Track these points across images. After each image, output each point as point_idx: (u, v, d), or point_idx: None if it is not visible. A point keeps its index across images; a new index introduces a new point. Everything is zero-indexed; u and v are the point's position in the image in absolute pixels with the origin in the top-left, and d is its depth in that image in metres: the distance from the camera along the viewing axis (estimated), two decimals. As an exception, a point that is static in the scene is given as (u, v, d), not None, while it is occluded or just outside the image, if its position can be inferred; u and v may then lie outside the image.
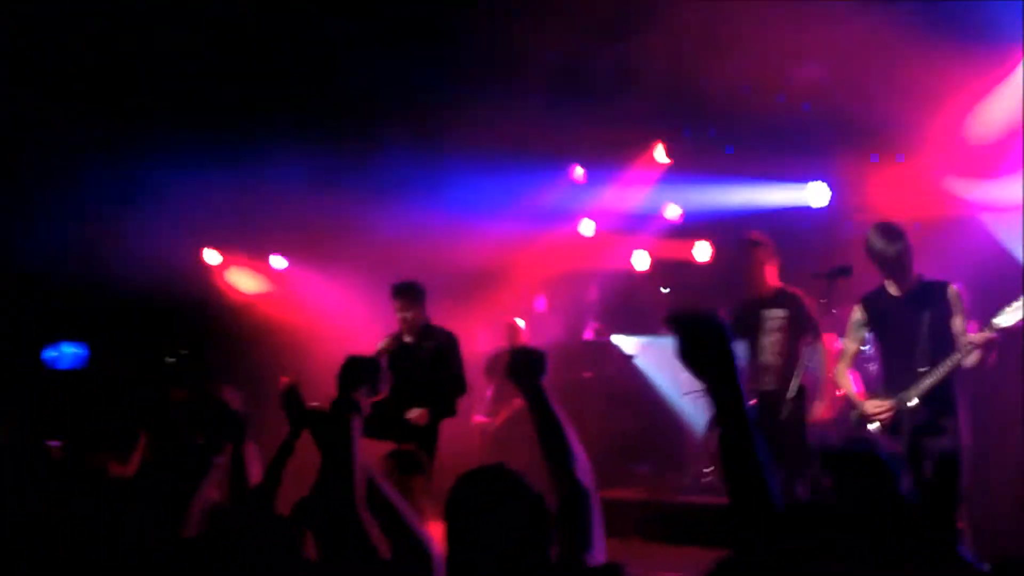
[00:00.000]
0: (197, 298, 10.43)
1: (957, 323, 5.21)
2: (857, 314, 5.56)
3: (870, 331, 5.57)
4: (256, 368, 9.93)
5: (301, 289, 10.50)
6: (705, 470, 8.19)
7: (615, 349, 9.66)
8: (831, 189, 7.94)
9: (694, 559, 2.56)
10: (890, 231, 5.29)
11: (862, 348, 5.89)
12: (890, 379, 5.39)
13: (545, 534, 2.45)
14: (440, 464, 5.85)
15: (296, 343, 9.39)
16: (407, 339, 6.80)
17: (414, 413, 6.57)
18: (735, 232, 8.29)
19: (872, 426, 5.36)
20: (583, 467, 2.73)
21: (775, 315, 6.43)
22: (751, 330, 6.41)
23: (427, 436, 6.51)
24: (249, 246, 10.53)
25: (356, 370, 2.98)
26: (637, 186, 9.13)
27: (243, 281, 10.82)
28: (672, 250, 9.09)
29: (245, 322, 10.53)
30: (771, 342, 6.40)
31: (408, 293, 6.75)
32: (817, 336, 6.32)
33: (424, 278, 7.92)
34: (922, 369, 5.20)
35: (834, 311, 6.01)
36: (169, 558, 2.99)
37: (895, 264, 5.28)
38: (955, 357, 5.12)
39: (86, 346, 10.52)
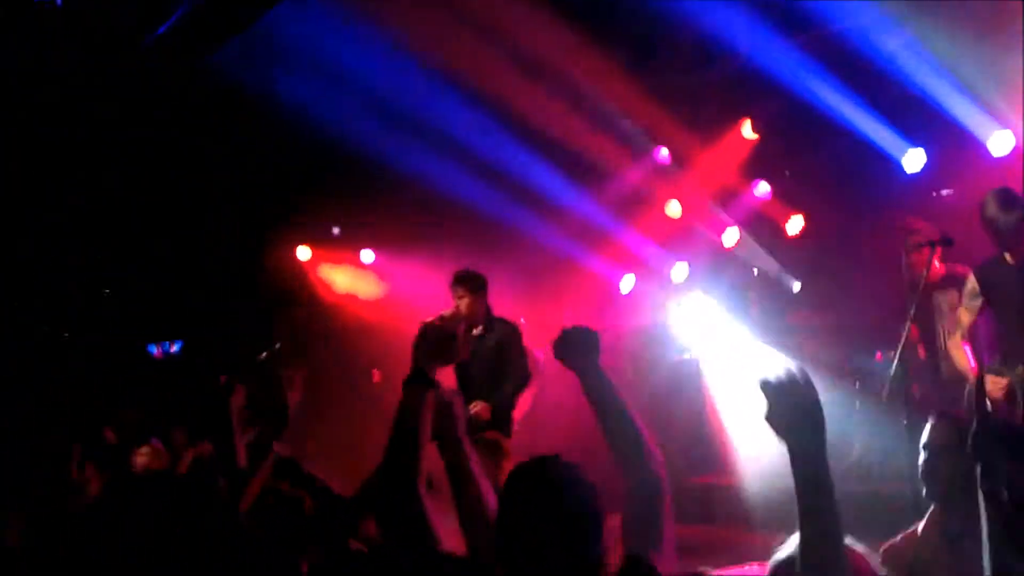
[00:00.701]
0: (290, 295, 10.70)
1: None
2: (971, 283, 5.40)
3: (985, 301, 5.36)
4: (343, 361, 10.26)
5: (390, 282, 10.63)
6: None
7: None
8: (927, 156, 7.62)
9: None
10: (1008, 199, 5.10)
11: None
12: (1006, 352, 5.21)
13: (593, 530, 2.29)
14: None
15: (384, 337, 9.47)
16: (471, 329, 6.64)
17: (475, 407, 6.40)
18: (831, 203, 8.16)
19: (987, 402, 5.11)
20: (652, 455, 2.53)
21: (947, 298, 6.22)
22: (925, 315, 6.15)
23: (494, 428, 6.39)
24: (340, 241, 10.74)
25: (432, 340, 2.76)
26: (725, 164, 8.95)
27: (336, 277, 11.00)
28: (763, 226, 8.90)
29: (337, 318, 10.75)
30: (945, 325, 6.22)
31: (466, 282, 6.60)
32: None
33: (507, 264, 7.91)
34: None
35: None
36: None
37: (1010, 233, 5.10)
38: None
39: (180, 342, 10.90)
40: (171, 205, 10.00)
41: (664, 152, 9.18)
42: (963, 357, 5.40)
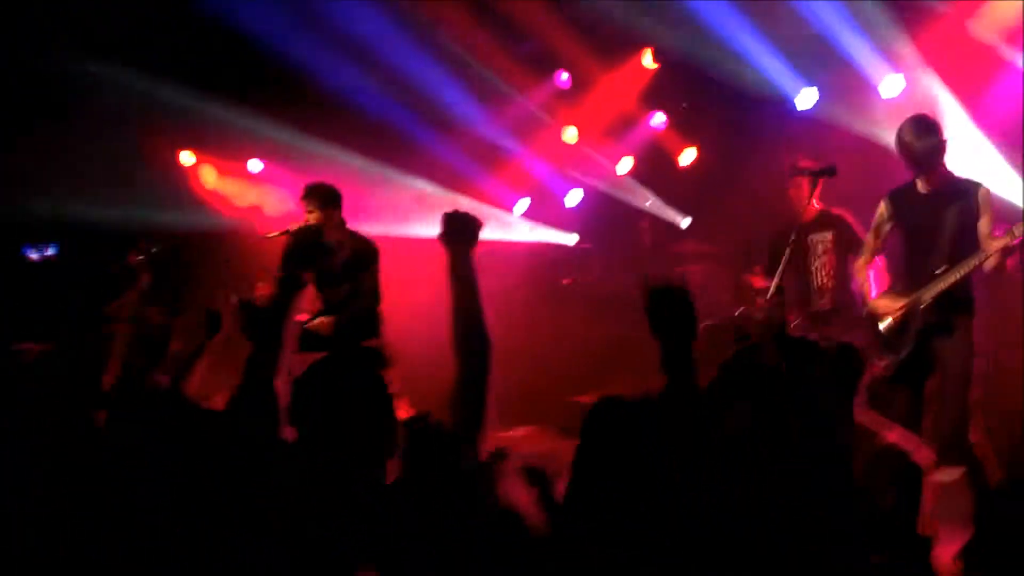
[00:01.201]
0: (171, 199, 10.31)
1: (983, 225, 5.06)
2: (882, 208, 5.41)
3: (894, 226, 5.40)
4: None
5: (278, 192, 10.35)
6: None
7: (596, 255, 9.68)
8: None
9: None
10: (922, 125, 5.12)
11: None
12: (907, 277, 5.28)
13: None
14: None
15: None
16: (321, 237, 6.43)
17: (316, 321, 6.27)
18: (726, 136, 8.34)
19: (882, 324, 5.25)
20: (488, 347, 2.77)
21: (822, 238, 6.47)
22: (797, 254, 6.09)
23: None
24: (225, 149, 10.37)
25: (303, 245, 3.02)
26: (623, 92, 9.02)
27: (218, 183, 10.64)
28: (657, 155, 9.05)
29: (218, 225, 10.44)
30: (820, 264, 6.47)
31: (315, 195, 6.44)
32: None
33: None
34: (939, 270, 5.10)
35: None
36: None
37: (924, 160, 5.11)
38: (973, 259, 4.98)
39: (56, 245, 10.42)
40: (40, 99, 9.43)
41: (564, 76, 9.17)
42: (866, 280, 5.49)
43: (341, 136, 9.09)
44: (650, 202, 9.25)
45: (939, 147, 5.13)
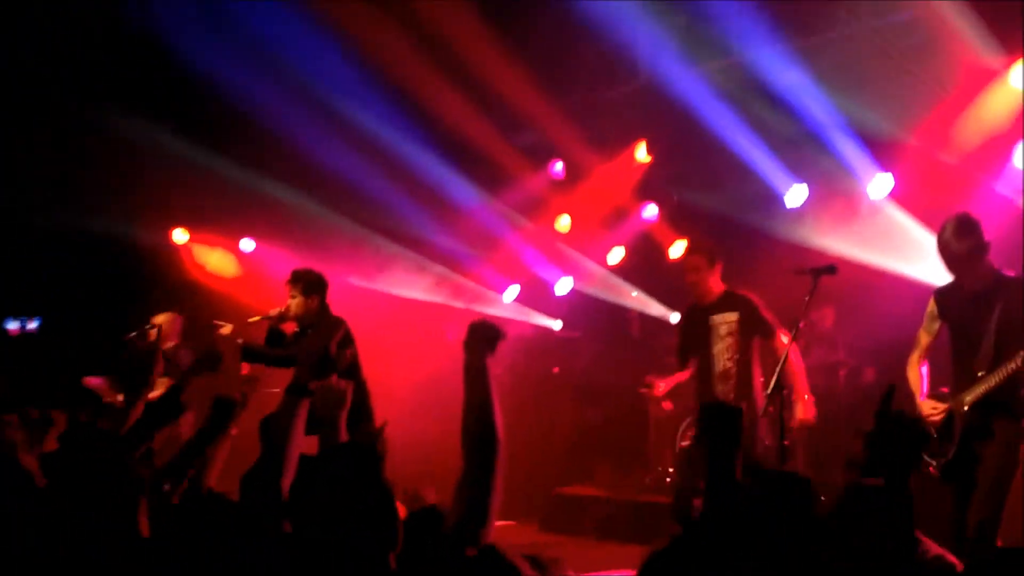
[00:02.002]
0: (163, 276, 10.30)
1: None
2: (930, 306, 5.23)
3: (942, 325, 5.18)
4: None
5: (270, 271, 10.37)
6: (670, 470, 8.20)
7: (585, 345, 9.68)
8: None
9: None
10: (962, 226, 4.93)
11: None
12: (954, 379, 5.08)
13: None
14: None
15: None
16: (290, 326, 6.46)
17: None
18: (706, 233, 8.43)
19: (929, 426, 5.03)
20: (498, 445, 2.82)
21: (725, 319, 6.26)
22: (700, 339, 6.27)
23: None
24: (219, 227, 10.42)
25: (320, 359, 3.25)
26: (617, 183, 9.15)
27: (213, 262, 10.67)
28: (648, 248, 9.13)
29: (211, 302, 10.40)
30: (723, 348, 6.23)
31: (298, 281, 6.43)
32: (771, 335, 6.16)
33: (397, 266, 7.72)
34: (981, 372, 4.93)
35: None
36: None
37: (963, 260, 4.95)
38: (1011, 364, 4.79)
39: (40, 319, 10.34)
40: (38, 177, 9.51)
41: (559, 166, 9.31)
42: (916, 379, 5.24)
43: (337, 209, 9.21)
44: (636, 294, 9.29)
45: (979, 248, 4.96)
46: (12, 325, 10.32)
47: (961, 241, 4.93)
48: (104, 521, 2.76)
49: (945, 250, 5.00)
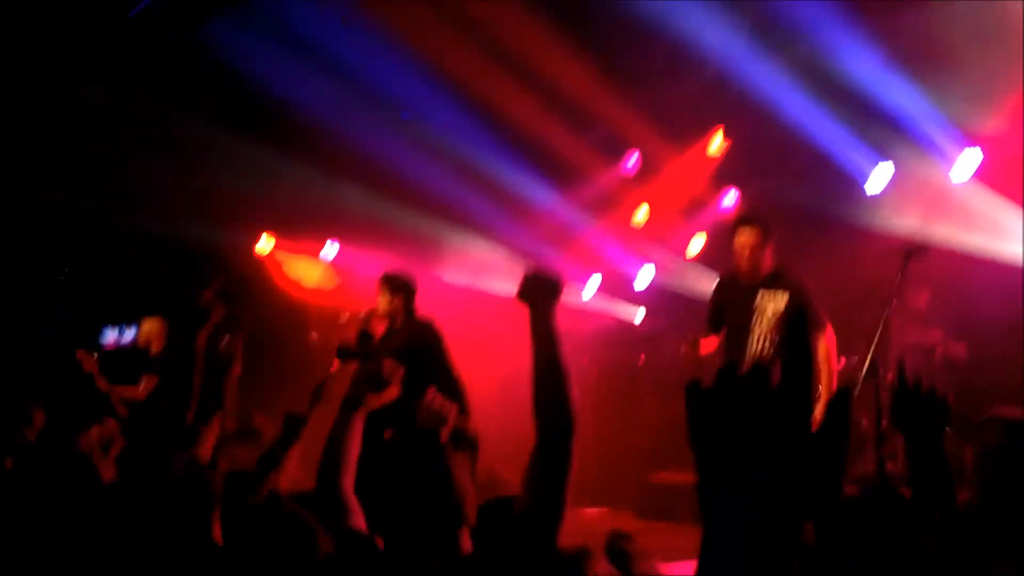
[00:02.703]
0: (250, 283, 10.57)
1: None
2: None
3: None
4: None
5: (356, 277, 10.59)
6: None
7: (670, 335, 9.67)
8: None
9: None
10: None
11: None
12: None
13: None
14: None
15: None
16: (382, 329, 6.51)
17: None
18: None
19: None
20: (573, 414, 2.54)
21: (773, 299, 5.60)
22: (739, 314, 5.64)
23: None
24: (303, 234, 10.65)
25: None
26: (693, 174, 9.11)
27: (301, 271, 10.92)
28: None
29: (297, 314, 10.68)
30: (765, 331, 5.58)
31: (385, 282, 6.54)
32: (818, 327, 5.58)
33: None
34: None
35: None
36: None
37: None
38: None
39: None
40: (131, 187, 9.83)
41: (634, 160, 9.31)
42: None
43: (417, 210, 9.37)
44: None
45: None
46: (108, 337, 10.64)
47: None
48: (178, 529, 2.84)
49: None
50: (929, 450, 2.44)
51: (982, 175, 7.27)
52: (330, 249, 10.66)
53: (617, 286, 9.76)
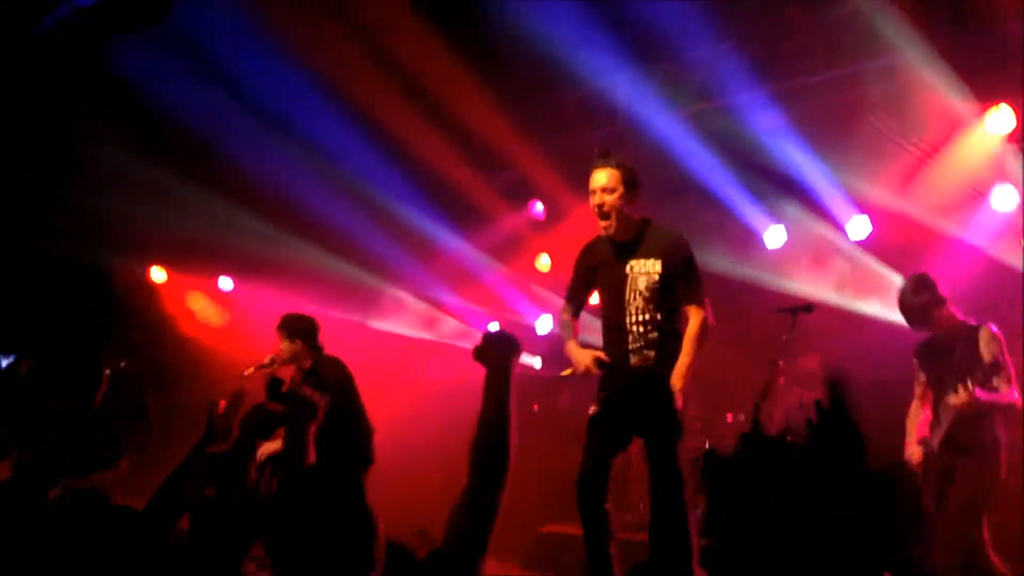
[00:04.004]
0: (141, 314, 10.22)
1: (985, 364, 5.11)
2: (914, 360, 5.57)
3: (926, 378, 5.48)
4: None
5: (247, 311, 10.33)
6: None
7: (566, 384, 9.64)
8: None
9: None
10: (919, 283, 5.34)
11: None
12: (932, 424, 5.38)
13: None
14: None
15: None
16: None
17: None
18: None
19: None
20: (508, 467, 2.66)
21: (645, 268, 4.85)
22: (609, 285, 4.94)
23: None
24: (197, 266, 10.36)
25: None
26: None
27: (197, 307, 10.62)
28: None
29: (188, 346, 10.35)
30: (640, 306, 4.79)
31: (282, 327, 6.51)
32: (692, 299, 4.80)
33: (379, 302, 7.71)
34: (943, 418, 5.22)
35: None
36: None
37: (918, 315, 5.35)
38: (959, 398, 5.03)
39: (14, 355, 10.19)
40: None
41: (540, 206, 9.33)
42: (911, 427, 5.49)
43: (318, 245, 9.23)
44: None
45: (935, 302, 5.30)
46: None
47: (917, 296, 5.32)
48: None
49: (904, 307, 5.40)
50: None
51: (871, 241, 7.49)
52: (225, 283, 10.40)
53: (517, 333, 9.70)
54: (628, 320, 4.75)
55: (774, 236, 8.00)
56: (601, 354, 4.83)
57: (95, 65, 8.39)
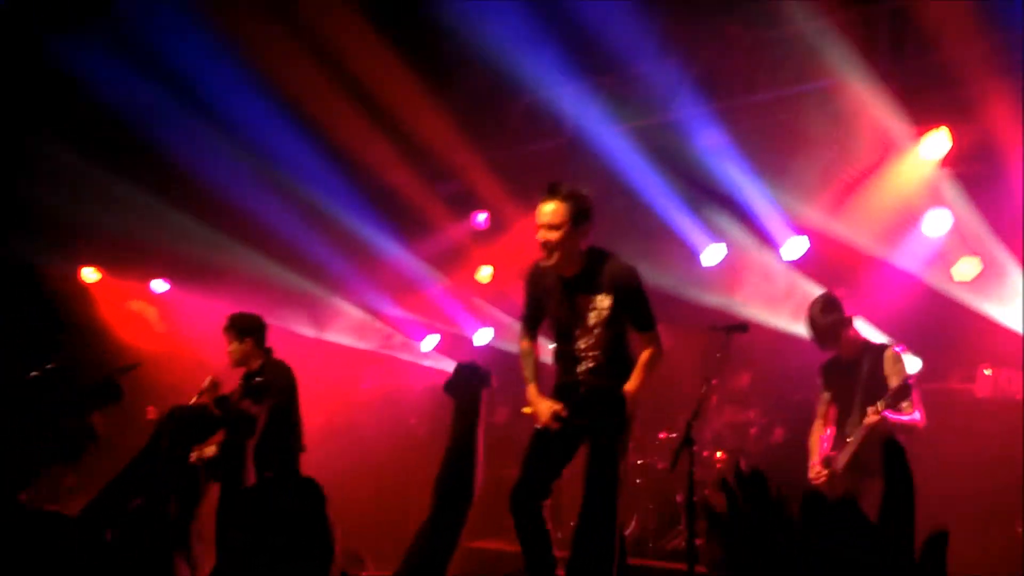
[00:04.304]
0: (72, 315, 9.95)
1: (893, 384, 5.26)
2: (819, 379, 5.73)
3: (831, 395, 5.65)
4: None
5: (183, 313, 10.12)
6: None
7: (504, 398, 9.57)
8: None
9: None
10: (827, 303, 5.49)
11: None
12: (836, 444, 5.52)
13: None
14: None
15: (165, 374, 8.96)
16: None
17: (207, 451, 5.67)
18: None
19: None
20: (471, 499, 2.67)
21: (596, 305, 4.71)
22: (560, 316, 4.83)
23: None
24: (131, 268, 10.13)
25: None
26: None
27: (130, 306, 10.38)
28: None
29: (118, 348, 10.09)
30: (589, 343, 4.76)
31: (230, 328, 6.40)
32: (645, 328, 4.77)
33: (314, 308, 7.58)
34: (849, 438, 5.36)
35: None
36: None
37: (827, 334, 5.46)
38: (869, 418, 5.18)
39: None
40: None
41: (483, 217, 9.29)
42: (815, 444, 5.64)
43: (254, 248, 9.08)
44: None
45: (841, 322, 5.45)
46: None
47: (826, 317, 5.47)
48: None
49: (813, 326, 5.54)
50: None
51: (806, 261, 7.56)
52: (160, 286, 10.18)
53: (455, 345, 9.64)
54: (578, 348, 4.73)
55: (712, 254, 8.04)
56: (559, 408, 4.76)
57: (35, 56, 8.18)
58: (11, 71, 8.35)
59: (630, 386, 4.66)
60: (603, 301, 4.64)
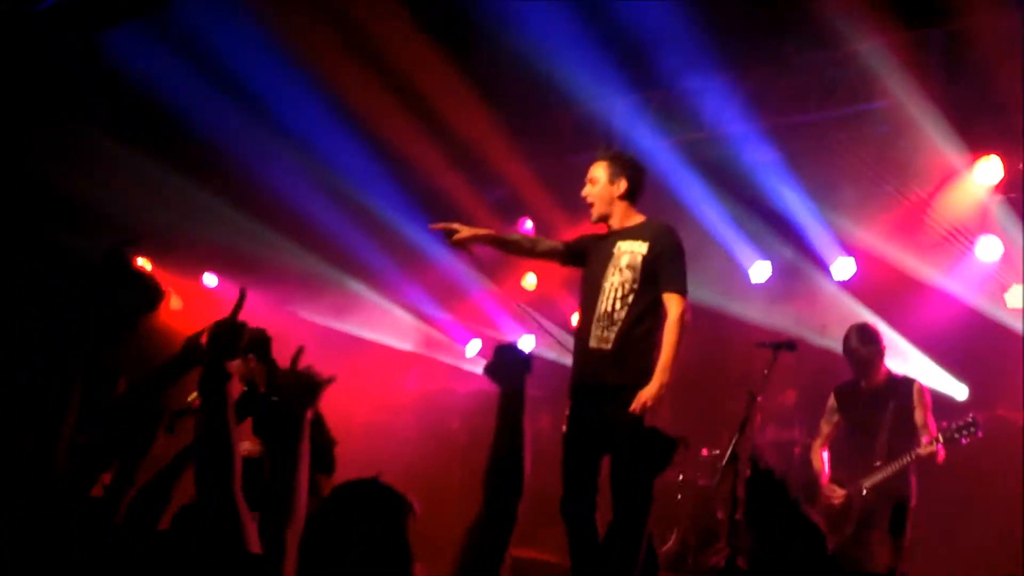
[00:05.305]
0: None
1: (918, 418, 5.62)
2: (831, 401, 6.00)
3: (840, 418, 5.96)
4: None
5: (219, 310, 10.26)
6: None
7: (546, 405, 9.61)
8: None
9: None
10: (866, 333, 5.78)
11: None
12: (850, 467, 5.79)
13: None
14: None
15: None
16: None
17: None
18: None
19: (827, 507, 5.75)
20: (520, 494, 2.55)
21: (631, 248, 4.79)
22: (595, 259, 4.93)
23: None
24: (182, 259, 10.29)
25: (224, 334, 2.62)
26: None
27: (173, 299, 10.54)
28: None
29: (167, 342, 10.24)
30: (618, 282, 4.72)
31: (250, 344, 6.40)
32: (670, 286, 4.69)
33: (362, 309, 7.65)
34: (878, 463, 5.64)
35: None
36: None
37: (866, 364, 5.74)
38: (905, 457, 5.54)
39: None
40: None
41: (529, 224, 9.33)
42: (819, 463, 6.00)
43: (307, 249, 9.20)
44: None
45: (879, 353, 5.76)
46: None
47: (866, 347, 5.75)
48: None
49: (853, 354, 5.81)
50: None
51: (854, 283, 7.52)
52: (209, 279, 10.33)
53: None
54: (601, 296, 4.71)
55: (759, 271, 8.02)
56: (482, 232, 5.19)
57: (89, 50, 8.35)
58: (67, 66, 8.54)
59: (662, 366, 4.49)
60: (640, 247, 4.71)
